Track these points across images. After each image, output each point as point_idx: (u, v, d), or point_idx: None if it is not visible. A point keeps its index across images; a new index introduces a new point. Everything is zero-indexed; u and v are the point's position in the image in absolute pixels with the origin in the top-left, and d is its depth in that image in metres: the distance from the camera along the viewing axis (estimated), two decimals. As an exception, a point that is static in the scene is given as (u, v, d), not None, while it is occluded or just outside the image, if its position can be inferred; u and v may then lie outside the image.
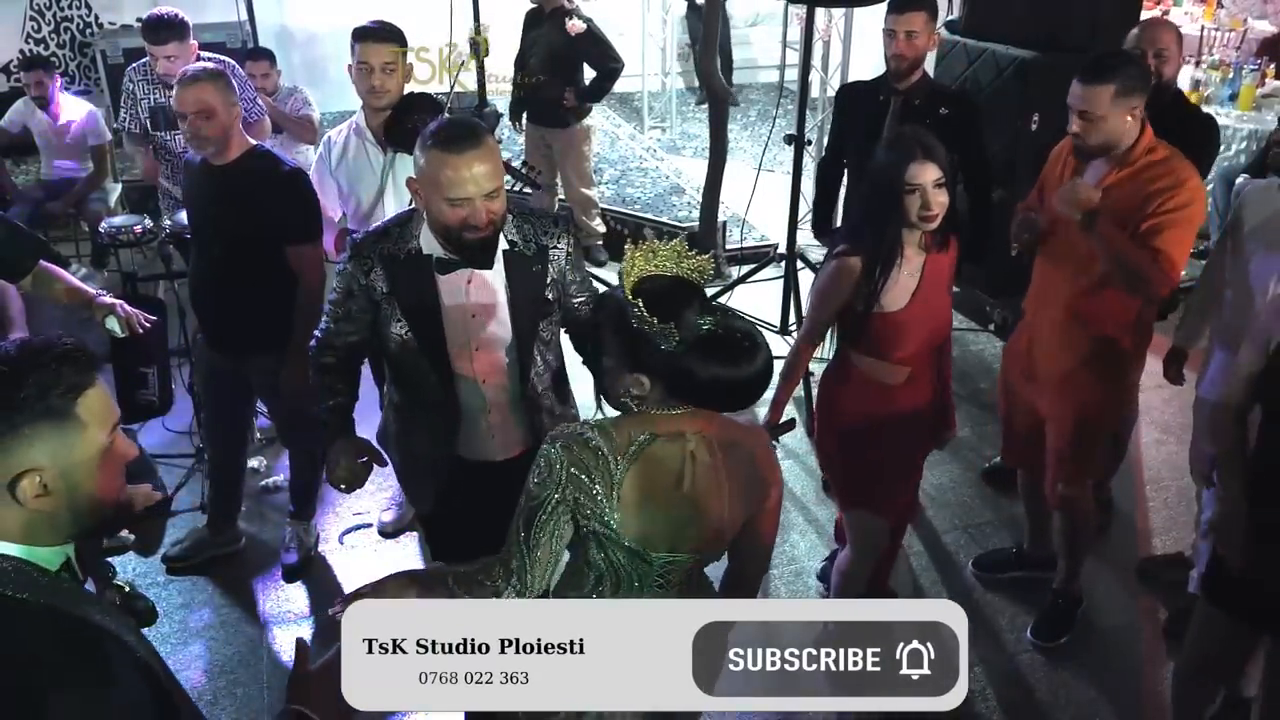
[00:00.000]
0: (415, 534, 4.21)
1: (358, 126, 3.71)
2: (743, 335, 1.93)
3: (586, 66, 6.19)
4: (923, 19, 3.92)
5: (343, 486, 2.64)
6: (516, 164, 3.63)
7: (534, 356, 2.67)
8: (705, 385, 1.92)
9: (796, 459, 4.72)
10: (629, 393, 2.01)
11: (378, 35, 3.56)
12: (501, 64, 4.20)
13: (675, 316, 1.91)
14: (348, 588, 3.91)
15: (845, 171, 4.50)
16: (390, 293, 2.57)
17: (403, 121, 3.56)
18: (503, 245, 2.55)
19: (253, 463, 4.42)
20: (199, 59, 4.46)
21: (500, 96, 4.21)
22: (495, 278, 2.57)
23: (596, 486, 1.95)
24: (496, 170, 2.40)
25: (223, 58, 4.63)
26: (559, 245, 2.65)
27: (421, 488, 2.91)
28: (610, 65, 6.07)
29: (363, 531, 4.26)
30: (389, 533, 4.23)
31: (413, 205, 2.57)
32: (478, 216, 2.37)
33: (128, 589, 3.76)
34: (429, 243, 2.53)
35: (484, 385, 2.67)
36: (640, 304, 1.92)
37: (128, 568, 3.96)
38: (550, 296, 2.65)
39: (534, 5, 6.35)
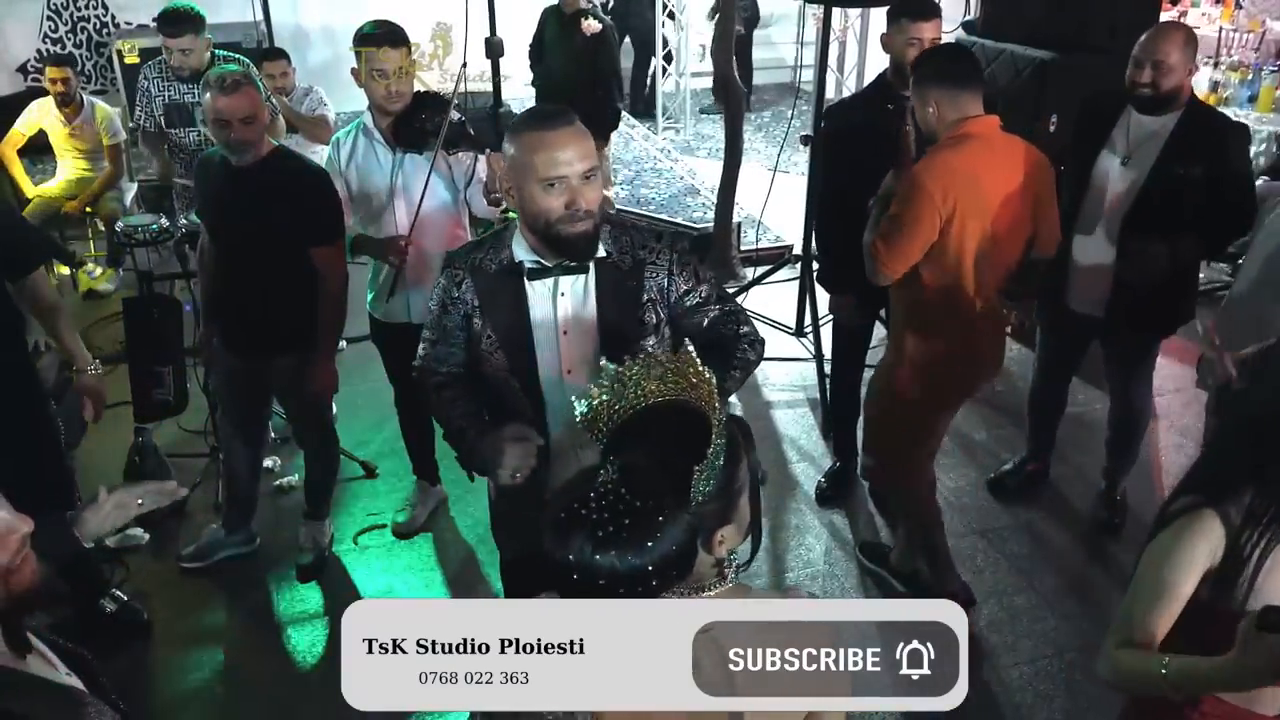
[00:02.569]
0: (429, 535, 4.23)
1: (365, 127, 3.67)
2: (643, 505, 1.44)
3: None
4: (940, 23, 3.79)
5: (516, 476, 2.30)
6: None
7: None
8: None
9: (811, 461, 4.70)
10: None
11: (390, 40, 3.51)
12: (513, 65, 4.20)
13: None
14: (362, 589, 3.93)
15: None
16: (480, 305, 2.39)
17: (411, 122, 3.54)
18: (598, 254, 2.36)
19: (266, 463, 4.42)
20: (214, 58, 4.48)
21: (514, 100, 4.20)
22: (587, 291, 2.36)
23: None
24: (591, 152, 2.23)
25: (239, 56, 4.65)
26: (658, 261, 2.39)
27: (512, 529, 2.63)
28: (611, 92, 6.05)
29: (377, 532, 4.26)
30: (403, 533, 4.23)
31: (496, 224, 2.47)
32: (577, 202, 2.20)
33: (125, 599, 3.74)
34: (521, 250, 2.36)
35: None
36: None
37: (142, 569, 3.99)
38: (646, 319, 2.39)
39: (552, 5, 6.37)
